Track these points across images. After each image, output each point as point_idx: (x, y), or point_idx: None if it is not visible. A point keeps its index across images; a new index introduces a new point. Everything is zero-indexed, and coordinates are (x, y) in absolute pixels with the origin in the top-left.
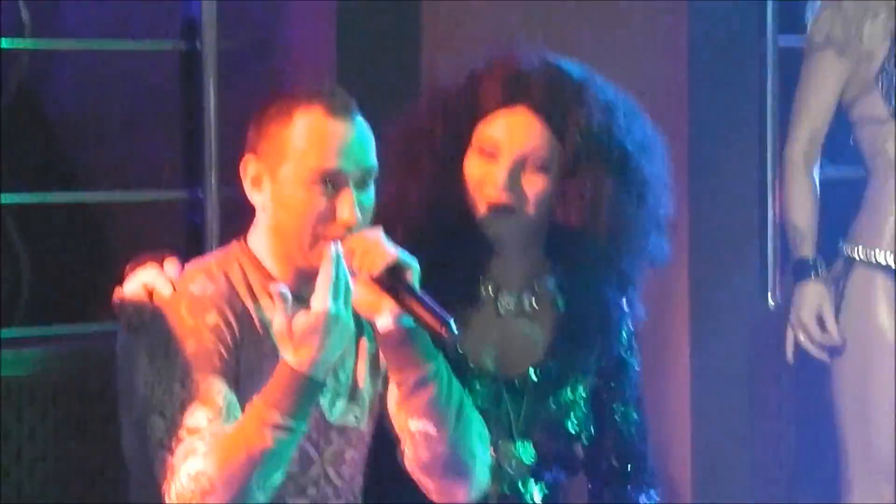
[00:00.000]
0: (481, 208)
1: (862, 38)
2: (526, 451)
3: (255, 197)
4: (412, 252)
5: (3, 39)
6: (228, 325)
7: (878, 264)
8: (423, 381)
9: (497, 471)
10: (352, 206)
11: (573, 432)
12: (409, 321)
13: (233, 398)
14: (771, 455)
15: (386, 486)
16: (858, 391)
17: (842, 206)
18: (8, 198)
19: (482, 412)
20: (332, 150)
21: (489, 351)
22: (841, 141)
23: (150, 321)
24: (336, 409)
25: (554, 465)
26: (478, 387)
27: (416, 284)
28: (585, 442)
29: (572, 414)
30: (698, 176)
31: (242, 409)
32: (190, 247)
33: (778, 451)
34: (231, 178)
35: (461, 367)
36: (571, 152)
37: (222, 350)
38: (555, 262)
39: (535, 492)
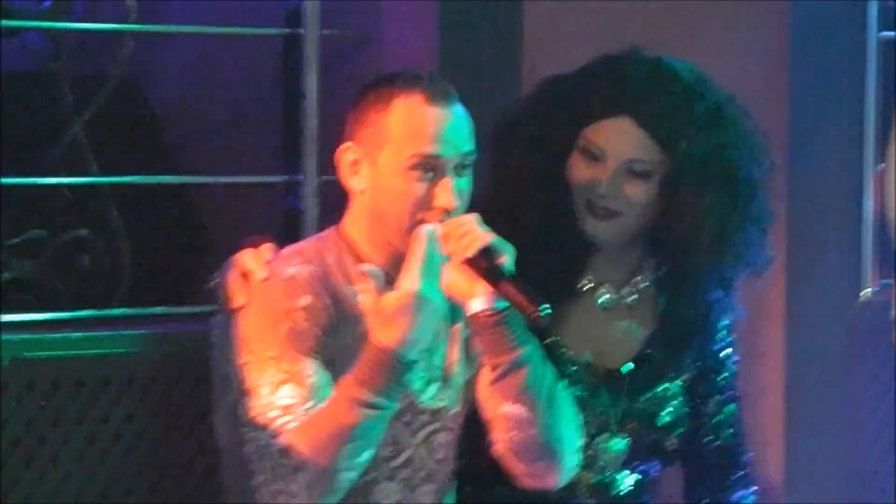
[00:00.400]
0: (583, 209)
1: None
2: (621, 444)
3: (354, 183)
4: (513, 245)
5: (108, 24)
6: (323, 306)
7: None
8: (516, 364)
9: (591, 462)
10: (450, 191)
11: (668, 425)
12: (502, 304)
13: (325, 378)
14: (869, 455)
15: (477, 472)
16: None
17: None
18: (110, 180)
19: (580, 404)
20: (431, 135)
21: (588, 344)
22: None
23: (245, 304)
24: (429, 393)
25: (648, 457)
26: (576, 379)
27: (511, 268)
28: (680, 434)
29: (668, 407)
30: (797, 171)
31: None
32: (289, 232)
33: (876, 450)
34: (331, 164)
35: (560, 360)
36: (676, 161)
37: (316, 331)
38: (657, 262)
39: (627, 482)
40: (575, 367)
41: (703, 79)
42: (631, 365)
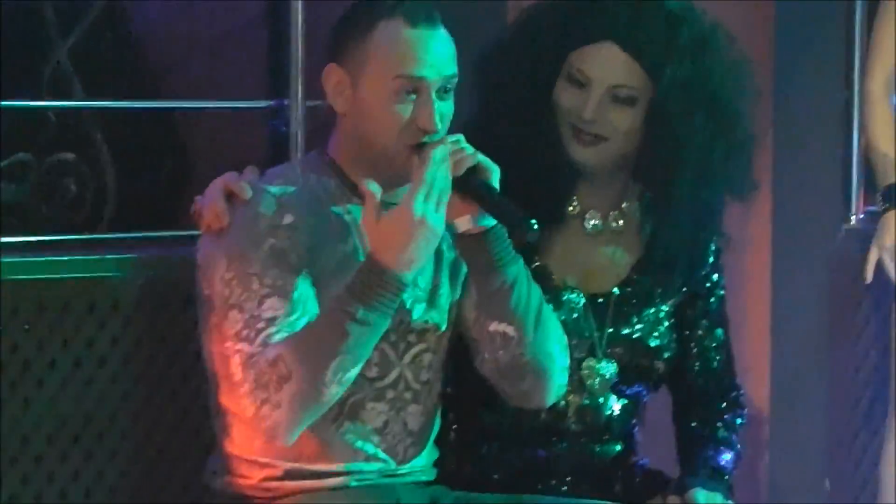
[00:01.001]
0: (569, 136)
1: None
2: (608, 368)
3: (338, 104)
4: (500, 170)
5: None
6: (307, 226)
7: None
8: (503, 283)
9: (579, 386)
10: (432, 113)
11: (656, 350)
12: (489, 221)
13: (310, 292)
14: (852, 382)
15: (462, 399)
16: None
17: None
18: (94, 104)
19: (566, 329)
20: (414, 57)
21: (574, 269)
22: None
23: (229, 223)
24: (415, 313)
25: (636, 380)
26: (563, 304)
27: (496, 186)
28: (668, 358)
29: (655, 332)
30: (783, 98)
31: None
32: (276, 156)
33: (858, 378)
34: (317, 89)
35: (546, 285)
36: (661, 87)
37: (300, 249)
38: (642, 188)
39: (616, 405)
40: (561, 292)
41: (688, 6)
42: (617, 290)
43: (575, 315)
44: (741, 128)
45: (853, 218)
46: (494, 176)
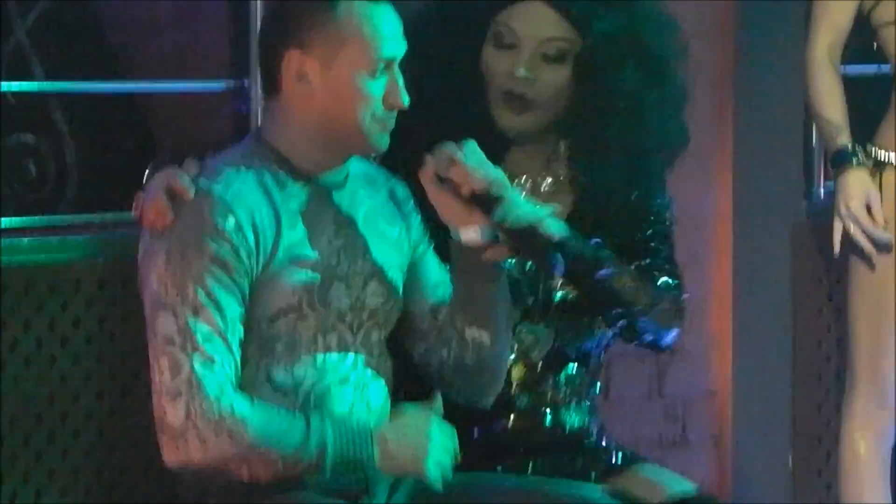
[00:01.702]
0: (500, 102)
1: None
2: (544, 332)
3: (297, 91)
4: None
5: None
6: (253, 222)
7: None
8: (492, 292)
9: (519, 354)
10: (400, 89)
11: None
12: (492, 234)
13: (239, 312)
14: (812, 355)
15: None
16: (874, 303)
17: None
18: (55, 86)
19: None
20: (386, 36)
21: None
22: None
23: (171, 224)
24: (366, 292)
25: (578, 341)
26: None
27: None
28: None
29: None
30: (744, 71)
31: (247, 304)
32: (237, 135)
33: (820, 354)
34: None
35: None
36: (589, 40)
37: (242, 252)
38: (571, 145)
39: (560, 373)
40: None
41: None
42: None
43: (510, 281)
44: (671, 80)
45: (815, 191)
46: (508, 203)
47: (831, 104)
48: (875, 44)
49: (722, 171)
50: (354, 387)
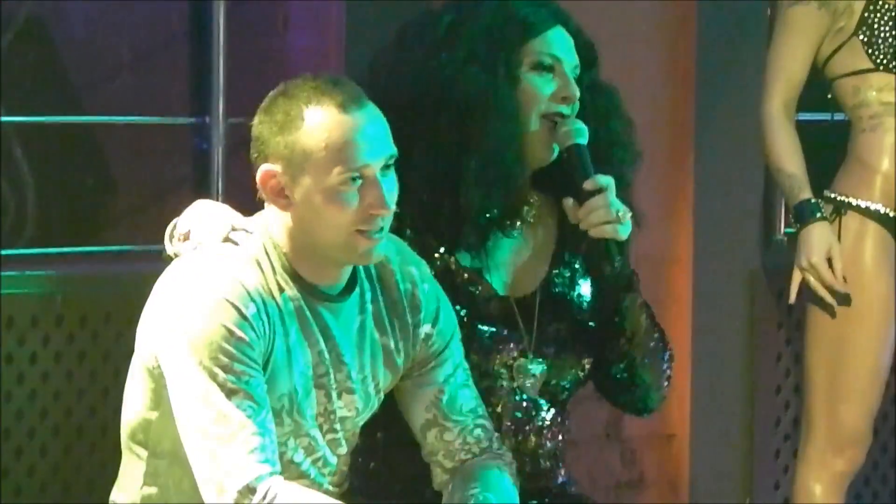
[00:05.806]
0: (547, 131)
1: None
2: (539, 367)
3: (280, 204)
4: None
5: None
6: (264, 315)
7: (872, 211)
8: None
9: (510, 393)
10: (381, 196)
11: (584, 323)
12: None
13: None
14: (770, 401)
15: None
16: (831, 352)
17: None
18: (13, 119)
19: (498, 339)
20: (354, 146)
21: (498, 276)
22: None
23: (190, 292)
24: (340, 402)
25: (567, 374)
26: (491, 315)
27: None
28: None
29: (582, 312)
30: (705, 110)
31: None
32: (196, 172)
33: (778, 401)
34: (238, 107)
35: (479, 293)
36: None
37: (260, 340)
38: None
39: (546, 413)
40: (488, 303)
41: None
42: (539, 287)
43: (504, 324)
44: (621, 107)
45: (774, 238)
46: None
47: (790, 159)
48: (829, 94)
49: (682, 216)
50: (312, 482)
